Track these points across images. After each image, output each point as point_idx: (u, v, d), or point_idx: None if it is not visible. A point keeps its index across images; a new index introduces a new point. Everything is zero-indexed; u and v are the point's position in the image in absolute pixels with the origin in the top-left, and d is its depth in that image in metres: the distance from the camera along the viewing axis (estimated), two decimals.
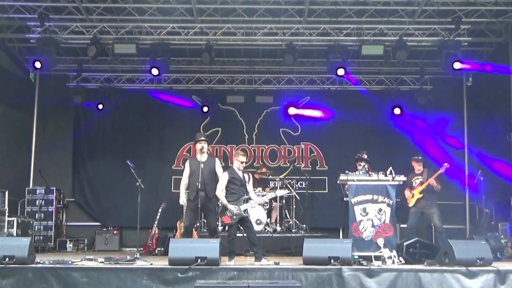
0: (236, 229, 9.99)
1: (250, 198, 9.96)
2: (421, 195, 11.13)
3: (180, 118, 15.23)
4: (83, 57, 13.79)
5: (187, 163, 10.35)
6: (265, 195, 11.09)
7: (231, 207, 9.76)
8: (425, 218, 11.34)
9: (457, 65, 12.06)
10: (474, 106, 14.65)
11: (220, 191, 9.90)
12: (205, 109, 14.95)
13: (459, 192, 14.58)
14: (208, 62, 12.53)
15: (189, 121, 15.24)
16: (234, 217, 9.78)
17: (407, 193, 11.30)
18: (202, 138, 10.25)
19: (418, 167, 11.42)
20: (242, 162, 10.07)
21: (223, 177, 9.98)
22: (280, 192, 10.89)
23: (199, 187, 9.76)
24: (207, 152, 10.26)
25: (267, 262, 9.58)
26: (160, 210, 13.22)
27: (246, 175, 10.14)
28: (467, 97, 14.88)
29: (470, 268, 8.59)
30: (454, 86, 14.86)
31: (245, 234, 10.01)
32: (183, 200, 10.22)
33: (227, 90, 15.15)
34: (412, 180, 11.31)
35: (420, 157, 11.54)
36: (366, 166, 11.11)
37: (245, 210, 9.83)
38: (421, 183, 11.17)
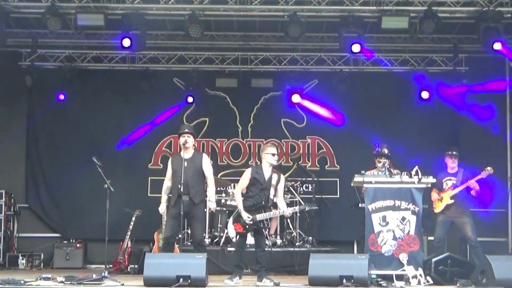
0: (243, 240, 10.23)
1: (268, 207, 10.06)
2: (452, 200, 11.18)
3: (158, 106, 15.23)
4: (39, 30, 13.76)
5: (169, 162, 10.38)
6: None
7: (244, 215, 9.92)
8: (456, 228, 11.39)
9: (497, 46, 12.04)
10: None
11: (238, 192, 10.14)
12: (190, 99, 14.94)
13: (500, 196, 14.62)
14: (198, 36, 12.44)
15: (170, 109, 15.23)
16: (247, 227, 9.95)
17: (434, 195, 11.33)
18: (186, 130, 10.28)
19: (452, 165, 11.43)
20: (274, 155, 10.12)
21: (245, 175, 10.17)
22: (307, 207, 10.93)
23: (182, 190, 9.79)
24: (192, 148, 10.28)
25: (269, 283, 9.64)
26: (133, 218, 13.24)
27: (276, 175, 10.19)
28: (510, 80, 14.93)
29: None
30: (496, 67, 14.88)
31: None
32: (163, 208, 10.25)
33: (217, 71, 15.13)
34: (443, 181, 11.34)
35: (455, 152, 11.53)
36: (387, 164, 11.11)
37: (261, 222, 9.97)
38: (454, 187, 11.19)
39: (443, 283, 9.68)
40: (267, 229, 10.11)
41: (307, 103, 15.13)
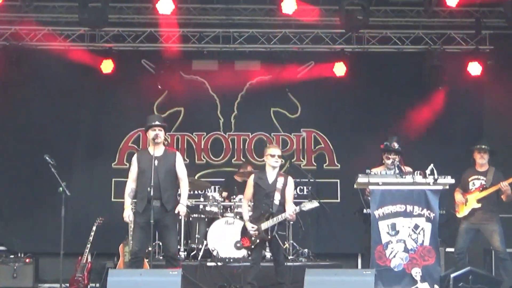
0: (258, 254, 10.69)
1: (272, 213, 10.43)
2: (479, 204, 11.23)
3: (124, 94, 15.24)
4: None
5: (134, 159, 10.39)
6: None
7: (248, 225, 10.48)
8: (481, 238, 11.45)
9: None
10: None
11: (244, 203, 10.92)
12: (159, 86, 14.97)
13: None
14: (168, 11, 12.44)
15: (137, 97, 15.25)
16: (253, 238, 10.41)
17: (458, 196, 11.37)
18: (157, 122, 10.29)
19: (481, 161, 11.47)
20: (273, 156, 10.54)
21: (248, 183, 10.78)
22: (308, 205, 10.77)
23: (152, 194, 9.80)
24: (163, 143, 10.31)
25: None
26: (94, 228, 13.23)
27: (282, 178, 10.62)
28: None
29: None
30: None
31: (219, 263, 10.34)
32: (128, 214, 10.26)
33: (193, 51, 15.16)
34: (470, 180, 11.39)
35: (484, 146, 11.56)
36: (397, 160, 11.13)
37: (267, 230, 10.39)
38: (482, 188, 11.24)
39: None
40: (278, 239, 10.54)
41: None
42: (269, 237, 10.45)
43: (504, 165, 11.37)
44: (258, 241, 10.51)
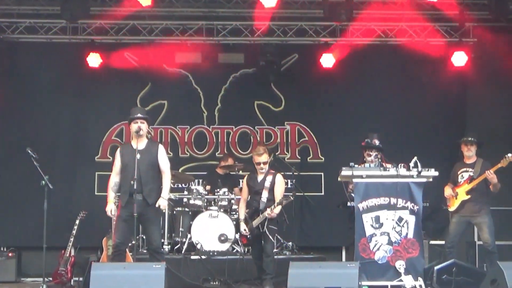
0: (257, 250, 11.21)
1: (261, 211, 10.91)
2: (469, 196, 11.28)
3: (106, 87, 15.20)
4: None
5: (117, 153, 10.38)
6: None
7: (241, 226, 11.12)
8: (470, 230, 11.49)
9: None
10: None
11: (241, 204, 11.41)
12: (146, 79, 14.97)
13: None
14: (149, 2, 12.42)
15: (121, 90, 15.22)
16: (248, 237, 11.06)
17: (447, 190, 11.43)
18: (139, 115, 10.28)
19: (468, 154, 11.51)
20: (258, 164, 11.15)
21: (243, 184, 11.44)
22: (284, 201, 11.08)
23: (135, 187, 9.80)
24: (146, 136, 10.30)
25: None
26: (77, 222, 13.19)
27: (270, 177, 11.14)
28: None
29: None
30: (509, 39, 15.02)
31: (204, 256, 10.48)
32: (111, 208, 10.26)
33: (177, 44, 15.10)
34: (459, 173, 11.43)
35: (471, 138, 11.60)
36: (378, 157, 11.21)
37: (258, 226, 10.93)
38: (471, 179, 11.28)
39: None
40: (267, 233, 10.93)
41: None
42: (261, 231, 10.87)
43: (488, 156, 11.38)
44: (252, 238, 11.06)
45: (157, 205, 10.11)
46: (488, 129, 14.66)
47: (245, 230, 11.07)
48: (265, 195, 11.01)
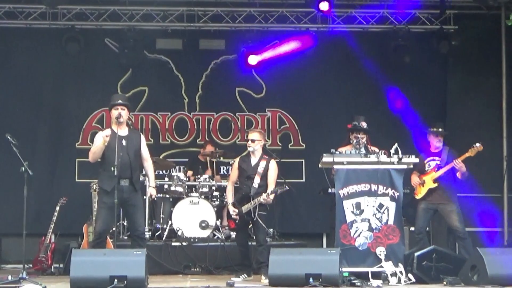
0: (242, 236, 11.13)
1: (252, 196, 10.74)
2: (435, 184, 11.35)
3: (87, 73, 15.13)
4: None
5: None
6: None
7: (230, 209, 10.93)
8: (441, 217, 11.57)
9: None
10: None
11: (228, 185, 11.24)
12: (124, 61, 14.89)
13: (493, 179, 14.87)
14: None
15: (101, 76, 15.16)
16: (237, 222, 10.91)
17: (414, 178, 11.50)
18: (120, 101, 10.23)
19: (436, 143, 11.60)
20: (249, 141, 10.97)
21: (233, 166, 11.24)
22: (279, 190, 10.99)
23: (121, 173, 9.79)
24: (127, 123, 10.27)
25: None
26: (57, 208, 13.15)
27: (264, 162, 10.96)
28: (507, 44, 15.13)
29: None
30: (489, 26, 15.08)
31: (184, 243, 10.48)
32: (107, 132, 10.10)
33: (157, 30, 15.09)
34: (426, 162, 11.50)
35: (441, 129, 11.69)
36: (364, 140, 11.17)
37: (248, 213, 10.74)
38: (438, 168, 11.37)
39: (427, 281, 9.85)
40: (259, 220, 10.81)
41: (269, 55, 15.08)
42: (251, 219, 10.74)
43: (470, 143, 11.42)
44: (241, 223, 10.91)
45: (148, 195, 10.16)
46: (468, 117, 14.77)
47: (234, 211, 10.86)
48: (257, 180, 10.87)
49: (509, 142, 14.96)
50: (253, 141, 10.97)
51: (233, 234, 13.10)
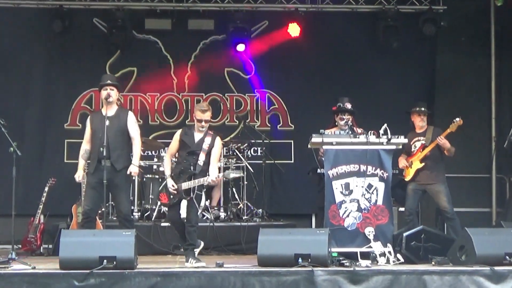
0: (174, 213, 10.36)
1: (195, 174, 10.14)
2: (422, 164, 11.39)
3: (75, 53, 15.06)
4: None
5: (88, 121, 10.37)
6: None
7: (168, 182, 10.19)
8: (430, 198, 11.59)
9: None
10: (510, 41, 14.93)
11: (166, 157, 10.54)
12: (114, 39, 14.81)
13: (482, 160, 14.91)
14: None
15: (90, 56, 15.09)
16: (172, 197, 10.20)
17: (402, 161, 11.58)
18: (109, 82, 10.23)
19: (420, 123, 11.65)
20: (200, 121, 10.22)
21: (174, 137, 10.42)
22: (232, 174, 10.82)
23: (104, 154, 9.76)
24: (116, 103, 10.27)
25: (195, 264, 9.70)
26: (46, 189, 13.13)
27: (209, 138, 10.28)
28: (496, 24, 15.13)
29: (496, 268, 8.86)
30: (479, 6, 15.06)
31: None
32: (80, 175, 10.24)
33: (146, 10, 15.02)
34: (412, 143, 11.52)
35: (423, 108, 11.71)
36: (350, 121, 11.19)
37: (187, 191, 10.09)
38: (423, 147, 11.39)
39: (415, 261, 9.85)
40: (194, 199, 10.13)
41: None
42: (189, 197, 10.13)
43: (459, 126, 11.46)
44: (176, 200, 10.24)
45: (128, 172, 10.08)
46: (457, 97, 14.78)
47: (173, 186, 10.13)
48: (202, 158, 10.18)
49: (497, 123, 15.02)
50: (206, 121, 10.34)
51: (222, 215, 13.11)
